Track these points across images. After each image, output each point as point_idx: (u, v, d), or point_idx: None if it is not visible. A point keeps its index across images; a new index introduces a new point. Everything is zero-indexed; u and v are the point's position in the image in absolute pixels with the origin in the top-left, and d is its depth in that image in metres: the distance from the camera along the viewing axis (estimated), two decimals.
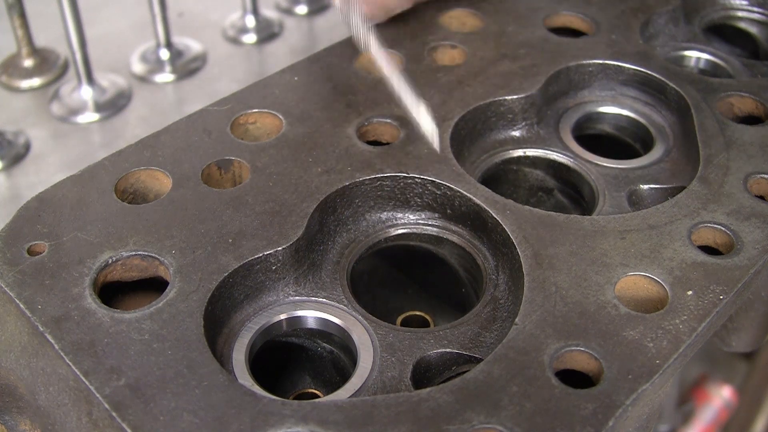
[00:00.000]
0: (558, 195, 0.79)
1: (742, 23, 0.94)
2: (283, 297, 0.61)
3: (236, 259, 0.58)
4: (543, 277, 0.58)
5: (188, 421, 0.48)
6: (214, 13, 1.16)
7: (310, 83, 0.75)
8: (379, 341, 0.58)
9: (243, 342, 0.58)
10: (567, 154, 0.75)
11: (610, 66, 0.81)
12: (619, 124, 0.81)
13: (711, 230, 0.62)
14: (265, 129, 0.72)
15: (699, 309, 0.56)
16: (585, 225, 0.62)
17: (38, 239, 0.59)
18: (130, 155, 0.67)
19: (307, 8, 1.17)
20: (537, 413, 0.49)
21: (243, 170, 0.67)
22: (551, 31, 0.84)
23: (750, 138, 0.71)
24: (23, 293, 0.55)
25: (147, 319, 0.54)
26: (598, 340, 0.53)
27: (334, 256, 0.65)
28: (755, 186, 0.66)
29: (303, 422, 0.48)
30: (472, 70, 0.78)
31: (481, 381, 0.51)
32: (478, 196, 0.65)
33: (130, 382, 0.50)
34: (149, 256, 0.59)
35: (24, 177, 0.89)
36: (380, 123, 0.72)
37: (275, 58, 1.08)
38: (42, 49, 1.05)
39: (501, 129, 0.77)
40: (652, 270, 0.58)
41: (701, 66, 0.89)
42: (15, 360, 0.58)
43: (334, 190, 0.64)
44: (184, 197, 0.63)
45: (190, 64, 1.05)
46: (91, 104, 0.97)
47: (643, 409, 0.54)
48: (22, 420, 0.61)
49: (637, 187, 0.71)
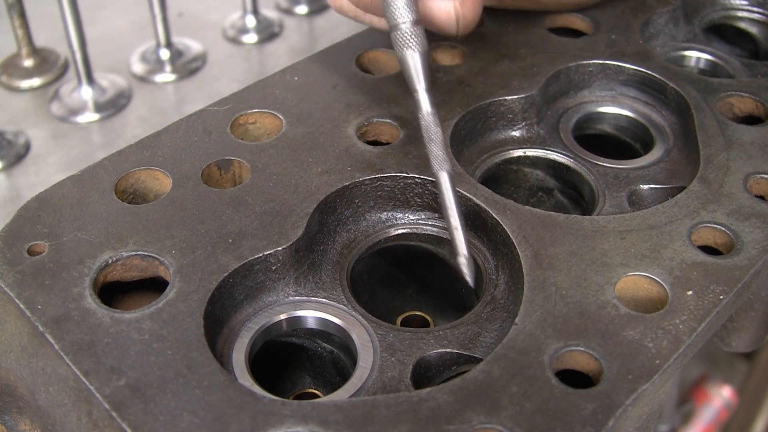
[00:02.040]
0: (558, 195, 0.79)
1: (742, 23, 0.94)
2: (283, 297, 0.61)
3: (236, 259, 0.58)
4: (543, 277, 0.58)
5: (188, 421, 0.48)
6: (214, 13, 1.16)
7: (310, 83, 0.76)
8: (379, 341, 0.58)
9: (243, 342, 0.58)
10: (567, 154, 0.75)
11: (610, 66, 0.81)
12: (619, 124, 0.81)
13: (711, 230, 0.62)
14: (265, 129, 0.72)
15: (699, 309, 0.56)
16: (585, 225, 0.62)
17: (38, 239, 0.59)
18: (130, 155, 0.67)
19: (307, 8, 1.17)
20: (537, 413, 0.49)
21: (243, 170, 0.67)
22: (551, 31, 0.84)
23: (750, 138, 0.71)
24: (23, 293, 0.55)
25: (147, 319, 0.54)
26: (598, 340, 0.53)
27: (334, 256, 0.65)
28: (755, 186, 0.66)
29: (303, 422, 0.48)
30: (472, 70, 0.78)
31: (481, 381, 0.51)
32: (478, 196, 0.65)
33: (130, 382, 0.50)
34: (149, 256, 0.59)
35: (24, 177, 0.89)
36: (380, 123, 0.72)
37: (275, 58, 1.08)
38: (42, 49, 1.05)
39: (501, 129, 0.77)
40: (652, 270, 0.58)
41: (701, 66, 0.89)
42: (15, 360, 0.58)
43: (334, 190, 0.64)
44: (184, 197, 0.63)
45: (190, 64, 1.05)
46: (91, 104, 0.97)
47: (643, 409, 0.54)
48: (22, 420, 0.61)
49: (637, 187, 0.71)
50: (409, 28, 0.62)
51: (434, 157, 0.60)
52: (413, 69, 0.62)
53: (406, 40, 0.62)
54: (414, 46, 0.62)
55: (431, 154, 0.61)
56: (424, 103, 0.62)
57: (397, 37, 0.62)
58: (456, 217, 0.60)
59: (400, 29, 0.62)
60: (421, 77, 0.62)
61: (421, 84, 0.62)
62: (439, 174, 0.60)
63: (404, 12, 0.62)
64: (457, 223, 0.60)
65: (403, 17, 0.62)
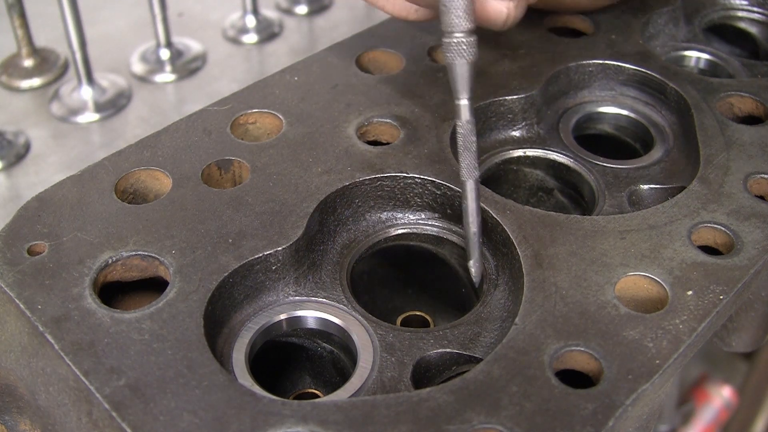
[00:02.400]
0: (558, 195, 0.79)
1: (742, 23, 0.94)
2: (283, 297, 0.61)
3: (236, 259, 0.58)
4: (543, 277, 0.58)
5: (188, 421, 0.48)
6: (214, 13, 1.16)
7: (310, 83, 0.76)
8: (379, 341, 0.58)
9: (243, 342, 0.58)
10: (567, 154, 0.75)
11: (610, 66, 0.81)
12: (619, 124, 0.81)
13: (711, 230, 0.62)
14: (265, 129, 0.72)
15: (699, 309, 0.56)
16: (585, 225, 0.62)
17: (38, 239, 0.59)
18: (130, 155, 0.67)
19: (307, 8, 1.17)
20: (537, 413, 0.49)
21: (243, 170, 0.67)
22: (551, 31, 0.84)
23: (750, 138, 0.71)
24: (23, 293, 0.55)
25: (147, 319, 0.54)
26: (598, 340, 0.53)
27: (334, 256, 0.65)
28: (755, 186, 0.66)
29: (303, 422, 0.48)
30: None
31: (481, 381, 0.51)
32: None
33: (130, 382, 0.50)
34: (149, 256, 0.59)
35: (24, 177, 0.89)
36: (380, 123, 0.72)
37: (275, 58, 1.08)
38: (42, 49, 1.05)
39: (501, 129, 0.77)
40: (652, 270, 0.58)
41: (701, 66, 0.89)
42: (15, 360, 0.58)
43: (334, 190, 0.64)
44: (184, 197, 0.63)
45: (190, 64, 1.05)
46: (91, 104, 0.97)
47: (643, 409, 0.54)
48: (22, 420, 0.61)
49: (637, 187, 0.71)
50: (466, 37, 0.61)
51: (466, 165, 0.62)
52: (461, 78, 0.62)
53: (461, 50, 0.61)
54: (467, 56, 0.61)
55: (463, 162, 0.62)
56: (465, 112, 0.62)
57: (451, 45, 0.62)
58: (476, 224, 0.62)
59: (455, 37, 0.61)
60: (467, 87, 0.62)
61: (465, 93, 0.62)
62: (467, 182, 0.62)
63: (463, 21, 0.61)
64: (476, 229, 0.62)
65: (461, 26, 0.61)
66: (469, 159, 0.62)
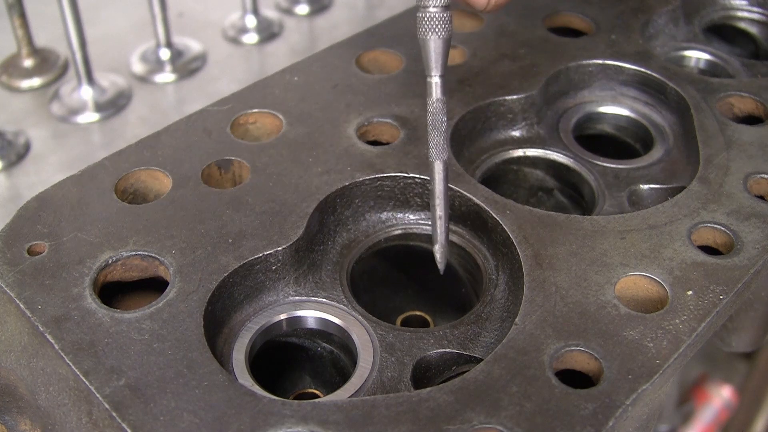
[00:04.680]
0: (558, 195, 0.79)
1: (742, 23, 0.94)
2: (283, 297, 0.61)
3: (236, 259, 0.58)
4: (543, 277, 0.58)
5: (188, 421, 0.48)
6: (214, 13, 1.16)
7: (310, 83, 0.76)
8: (379, 341, 0.58)
9: (243, 342, 0.58)
10: (567, 154, 0.75)
11: (610, 66, 0.81)
12: (619, 124, 0.81)
13: (711, 230, 0.62)
14: (265, 129, 0.72)
15: (699, 309, 0.56)
16: (585, 225, 0.62)
17: (38, 239, 0.59)
18: (130, 155, 0.67)
19: (307, 8, 1.17)
20: (537, 413, 0.49)
21: (243, 170, 0.67)
22: (551, 31, 0.84)
23: (750, 138, 0.71)
24: (23, 293, 0.55)
25: (147, 319, 0.54)
26: (598, 340, 0.53)
27: (334, 256, 0.65)
28: (755, 186, 0.66)
29: (303, 422, 0.48)
30: (472, 70, 0.78)
31: (481, 381, 0.51)
32: (478, 196, 0.65)
33: (130, 382, 0.50)
34: (149, 256, 0.59)
35: (24, 177, 0.89)
36: (380, 123, 0.72)
37: (275, 58, 1.08)
38: (42, 49, 1.05)
39: (501, 129, 0.77)
40: (652, 270, 0.58)
41: (701, 66, 0.89)
42: (15, 360, 0.58)
43: (334, 190, 0.64)
44: (184, 197, 0.63)
45: (190, 64, 1.05)
46: (91, 104, 0.97)
47: (643, 409, 0.54)
48: (22, 420, 0.61)
49: (637, 187, 0.71)
50: (440, 12, 0.59)
51: (434, 145, 0.60)
52: (433, 54, 0.59)
53: (434, 24, 0.59)
54: (440, 31, 0.59)
55: (432, 141, 0.60)
56: (436, 90, 0.60)
57: (424, 19, 0.59)
58: (442, 207, 0.60)
59: (429, 12, 0.59)
60: (440, 64, 0.60)
61: (437, 70, 0.60)
62: (435, 162, 0.60)
63: None
64: (442, 212, 0.60)
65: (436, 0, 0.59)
66: (437, 139, 0.59)
